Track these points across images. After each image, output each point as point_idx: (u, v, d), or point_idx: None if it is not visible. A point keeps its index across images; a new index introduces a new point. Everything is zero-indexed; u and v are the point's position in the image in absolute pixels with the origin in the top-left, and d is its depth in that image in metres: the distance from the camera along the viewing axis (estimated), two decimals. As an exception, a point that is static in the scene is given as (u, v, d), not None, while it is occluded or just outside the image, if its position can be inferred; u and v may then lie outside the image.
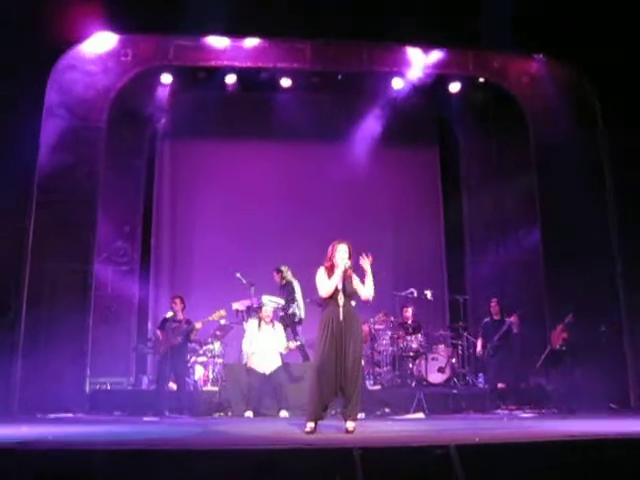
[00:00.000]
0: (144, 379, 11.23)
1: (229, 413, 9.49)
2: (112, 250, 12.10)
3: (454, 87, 12.41)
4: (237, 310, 10.94)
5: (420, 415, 9.26)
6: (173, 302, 9.92)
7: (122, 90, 11.15)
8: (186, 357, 10.08)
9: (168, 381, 9.73)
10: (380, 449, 4.63)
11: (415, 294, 11.20)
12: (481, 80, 12.14)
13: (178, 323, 9.71)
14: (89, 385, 10.29)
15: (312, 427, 6.03)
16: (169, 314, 9.86)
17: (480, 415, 9.57)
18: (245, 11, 9.92)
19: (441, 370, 10.68)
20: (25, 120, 9.57)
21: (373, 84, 12.34)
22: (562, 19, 10.16)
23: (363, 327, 10.31)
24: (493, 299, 10.90)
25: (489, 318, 10.82)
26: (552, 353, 10.19)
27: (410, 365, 10.92)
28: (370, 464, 4.14)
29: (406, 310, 11.38)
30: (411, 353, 10.93)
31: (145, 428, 7.36)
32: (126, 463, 4.16)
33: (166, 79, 11.91)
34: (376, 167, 13.05)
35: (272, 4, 9.99)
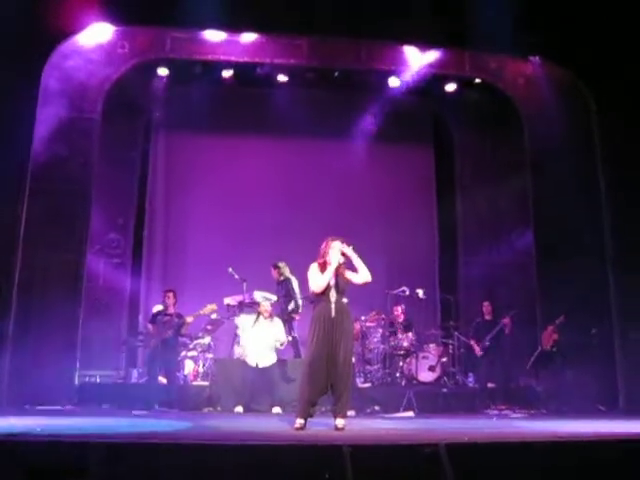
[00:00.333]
0: (134, 372, 11.19)
1: (218, 408, 9.45)
2: (105, 242, 12.05)
3: (450, 87, 12.42)
4: (228, 305, 10.91)
5: (410, 413, 9.26)
6: (166, 296, 9.87)
7: (118, 82, 11.10)
8: (176, 351, 10.06)
9: (158, 375, 9.70)
10: (370, 447, 4.63)
11: (407, 292, 11.19)
12: (477, 80, 12.16)
13: (169, 317, 9.68)
14: (78, 377, 10.24)
15: (302, 424, 6.02)
16: (158, 307, 9.83)
17: (470, 414, 9.58)
18: (242, 6, 9.90)
19: (431, 369, 10.69)
20: (20, 110, 9.53)
21: (369, 82, 12.34)
22: (558, 21, 10.18)
23: (354, 325, 10.35)
24: (486, 300, 10.92)
25: (480, 318, 10.83)
26: (542, 354, 10.23)
27: (401, 363, 10.93)
28: (360, 461, 4.14)
29: (397, 308, 11.38)
30: (402, 351, 10.94)
31: (134, 421, 7.33)
32: (115, 456, 4.14)
33: (162, 72, 11.87)
34: (371, 165, 13.06)
35: (269, -1, 10.00)
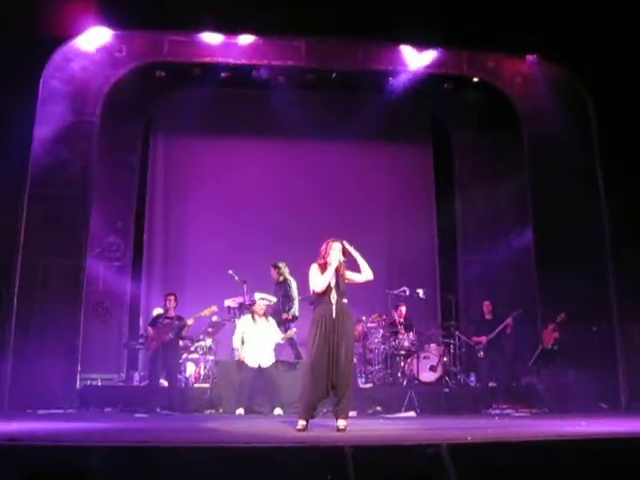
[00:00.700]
0: (135, 375, 11.21)
1: (220, 410, 9.47)
2: (104, 246, 12.06)
3: (448, 86, 12.40)
4: (229, 307, 10.91)
5: (411, 414, 9.28)
6: (167, 299, 9.88)
7: (116, 85, 11.11)
8: (177, 354, 10.06)
9: (159, 378, 9.71)
10: (372, 447, 4.63)
11: (407, 292, 11.20)
12: (475, 80, 12.15)
13: (170, 320, 9.70)
14: (80, 381, 10.25)
15: (304, 425, 6.02)
16: (158, 310, 9.82)
17: (472, 414, 9.59)
18: (240, 8, 9.90)
19: (433, 369, 10.68)
20: (19, 114, 9.52)
21: (367, 82, 12.34)
22: (556, 20, 10.18)
23: (357, 327, 10.39)
24: (486, 299, 10.92)
25: (480, 318, 10.84)
26: (544, 352, 10.22)
27: (402, 364, 10.93)
28: (362, 462, 4.13)
29: (398, 309, 11.38)
30: (403, 351, 10.94)
31: (136, 425, 7.33)
32: (117, 460, 4.14)
33: (160, 75, 11.87)
34: (369, 165, 13.07)
35: (267, 1, 9.97)
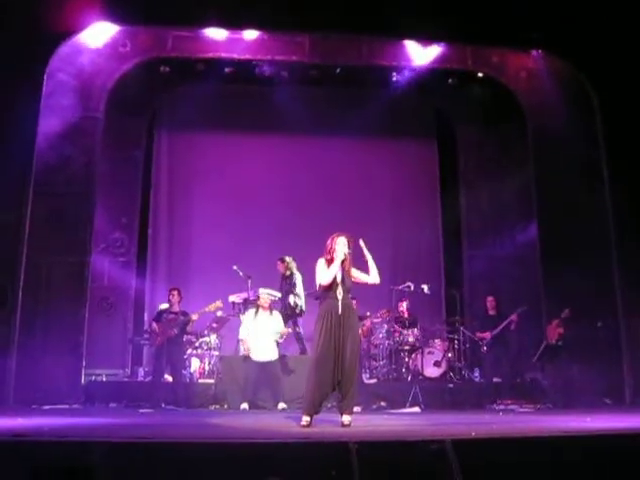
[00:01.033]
0: (140, 371, 11.24)
1: (225, 406, 9.49)
2: (109, 241, 12.09)
3: (453, 81, 12.38)
4: (234, 302, 10.92)
5: (416, 409, 9.27)
6: (171, 294, 9.89)
7: (120, 81, 11.11)
8: (182, 349, 10.08)
9: (164, 373, 9.74)
10: (376, 443, 4.62)
11: (412, 288, 11.19)
12: (480, 75, 12.13)
13: (174, 315, 9.70)
14: (84, 377, 10.28)
15: (308, 421, 6.02)
16: (164, 306, 9.83)
17: (476, 410, 9.58)
18: (244, 3, 9.89)
19: (437, 364, 10.69)
20: (23, 111, 9.53)
21: (372, 78, 12.33)
22: (560, 15, 10.15)
23: (365, 323, 10.41)
24: (490, 295, 10.90)
25: (484, 313, 10.82)
26: (548, 348, 10.20)
27: (406, 359, 10.94)
28: (366, 458, 4.14)
29: (402, 304, 11.38)
30: (407, 347, 10.95)
31: (141, 420, 7.34)
32: (121, 455, 4.15)
33: (164, 70, 11.87)
34: (374, 160, 13.06)
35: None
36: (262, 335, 9.47)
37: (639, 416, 7.68)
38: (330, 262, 6.30)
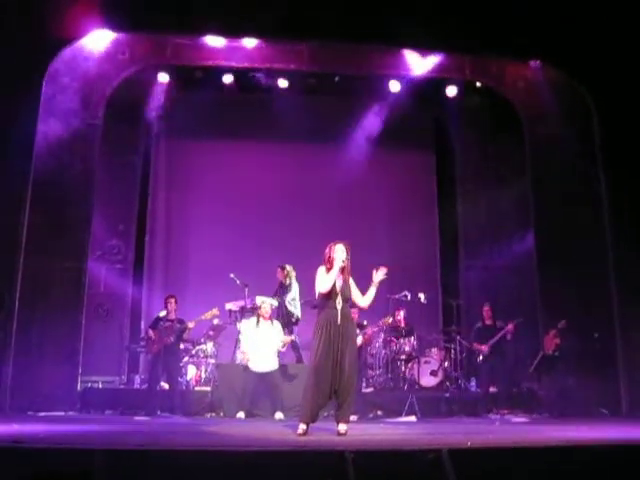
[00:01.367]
0: (136, 378, 11.21)
1: (221, 413, 9.47)
2: (106, 248, 12.07)
3: (451, 91, 12.42)
4: (230, 310, 10.91)
5: (412, 418, 9.26)
6: (168, 302, 9.86)
7: (119, 88, 11.12)
8: (179, 357, 10.05)
9: (160, 380, 9.71)
10: (372, 452, 4.62)
11: (409, 297, 11.16)
12: (478, 84, 12.18)
13: (170, 322, 9.68)
14: (80, 383, 10.25)
15: (304, 429, 6.02)
16: (162, 313, 9.82)
17: (472, 419, 9.58)
18: (243, 11, 9.91)
19: (433, 374, 10.68)
20: (21, 117, 9.53)
21: (370, 86, 12.37)
22: (558, 25, 10.18)
23: (367, 331, 10.41)
24: (486, 304, 10.87)
25: (481, 323, 10.80)
26: (544, 358, 10.21)
27: (403, 368, 10.93)
28: (362, 467, 4.13)
29: (399, 313, 11.37)
30: (404, 356, 10.94)
31: (136, 427, 7.32)
32: (117, 462, 4.14)
33: (163, 78, 11.92)
34: (372, 169, 13.05)
35: (270, 5, 9.97)
36: (263, 345, 9.41)
37: (635, 427, 7.68)
38: (330, 270, 6.31)
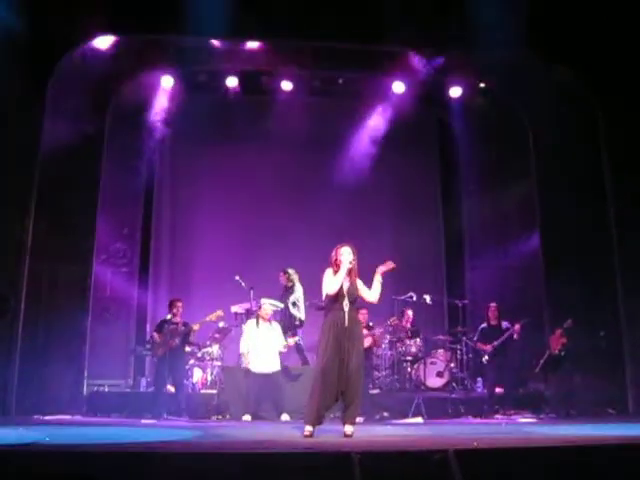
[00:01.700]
0: (142, 381, 11.22)
1: (227, 416, 9.48)
2: (111, 252, 12.08)
3: (455, 92, 12.42)
4: (236, 313, 10.91)
5: (418, 419, 9.26)
6: (174, 305, 9.80)
7: (123, 92, 11.15)
8: (184, 359, 10.06)
9: (166, 383, 9.70)
10: (379, 453, 4.62)
11: (414, 298, 11.17)
12: (482, 86, 12.15)
13: (175, 325, 9.67)
14: (87, 387, 10.28)
15: (311, 431, 6.02)
16: (169, 316, 9.80)
17: (478, 420, 9.57)
18: (247, 14, 9.91)
19: (440, 374, 10.68)
20: (26, 121, 9.56)
21: (374, 88, 12.36)
22: (563, 25, 10.17)
23: (375, 332, 10.42)
24: (492, 304, 10.84)
25: (486, 323, 10.77)
26: (551, 358, 10.18)
27: (409, 369, 10.92)
28: (368, 468, 4.14)
29: (407, 314, 11.36)
30: (410, 357, 10.93)
31: (143, 431, 7.33)
32: (123, 466, 4.15)
33: (167, 81, 11.92)
34: (376, 171, 13.01)
35: (273, 7, 9.98)
36: (263, 346, 9.44)
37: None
38: (337, 272, 6.31)
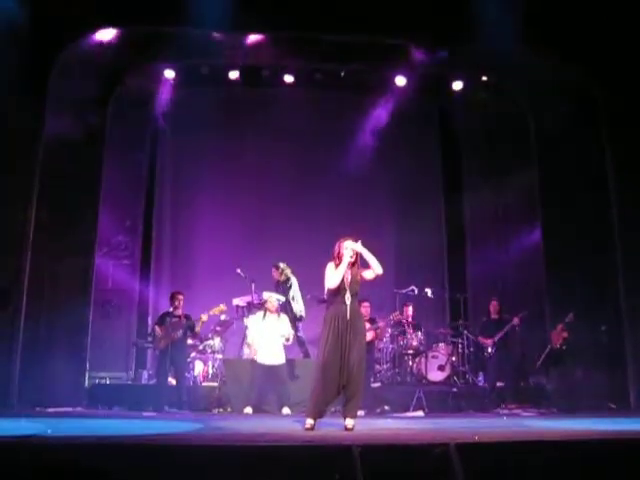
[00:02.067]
0: (144, 374, 11.24)
1: (228, 409, 9.48)
2: (113, 244, 12.09)
3: (456, 85, 12.40)
4: (237, 306, 10.92)
5: (420, 413, 9.27)
6: (176, 298, 9.80)
7: (124, 84, 11.12)
8: (186, 352, 10.06)
9: (167, 376, 9.72)
10: (380, 447, 4.62)
11: (416, 292, 11.18)
12: (483, 78, 12.12)
13: (177, 318, 9.67)
14: (88, 379, 10.30)
15: (312, 424, 6.03)
16: (171, 309, 9.80)
17: (480, 414, 9.58)
18: (248, 7, 9.88)
19: (441, 368, 10.68)
20: (27, 114, 9.54)
21: (376, 81, 12.34)
22: (564, 16, 10.13)
23: (379, 325, 10.43)
24: (494, 298, 10.85)
25: (487, 317, 10.78)
26: (552, 352, 10.20)
27: (410, 363, 10.93)
28: (369, 462, 4.14)
29: (406, 308, 11.36)
30: (411, 351, 10.94)
31: (144, 423, 7.35)
32: (124, 458, 4.16)
33: (169, 74, 11.90)
34: (377, 164, 13.01)
35: (275, 0, 9.96)
36: (270, 338, 9.44)
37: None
38: (338, 266, 6.30)
